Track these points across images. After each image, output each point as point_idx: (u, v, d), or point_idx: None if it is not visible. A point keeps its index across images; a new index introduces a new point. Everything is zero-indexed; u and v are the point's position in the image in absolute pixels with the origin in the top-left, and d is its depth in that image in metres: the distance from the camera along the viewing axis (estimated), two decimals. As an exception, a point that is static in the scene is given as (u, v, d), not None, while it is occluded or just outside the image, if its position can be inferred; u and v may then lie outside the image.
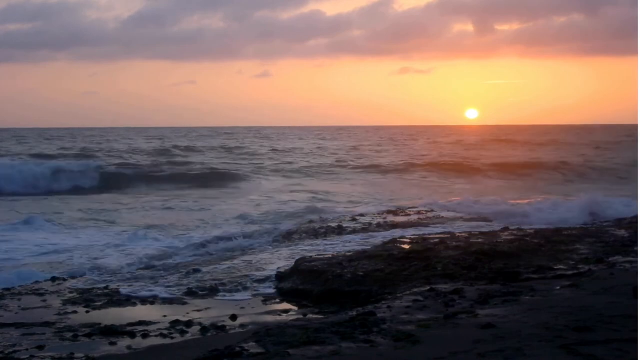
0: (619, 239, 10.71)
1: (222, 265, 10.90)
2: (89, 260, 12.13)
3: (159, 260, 12.04)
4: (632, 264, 8.60)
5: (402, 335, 5.75)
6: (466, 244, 10.30)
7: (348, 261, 9.51)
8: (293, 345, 5.58)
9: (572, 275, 8.16)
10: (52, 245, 14.05)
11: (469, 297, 7.24)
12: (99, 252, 13.04)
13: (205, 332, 7.06)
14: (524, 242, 10.35)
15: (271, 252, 12.06)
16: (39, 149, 53.52)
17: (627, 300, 6.54)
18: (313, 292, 8.78)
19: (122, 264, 11.57)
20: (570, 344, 5.21)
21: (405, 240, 11.04)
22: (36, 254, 13.01)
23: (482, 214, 16.02)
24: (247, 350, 5.58)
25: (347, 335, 5.82)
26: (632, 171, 31.23)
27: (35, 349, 6.60)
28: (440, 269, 8.85)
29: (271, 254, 11.79)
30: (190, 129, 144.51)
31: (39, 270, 11.22)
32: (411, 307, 6.92)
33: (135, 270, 11.08)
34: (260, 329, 6.49)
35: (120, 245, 13.73)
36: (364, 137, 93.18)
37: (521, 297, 7.03)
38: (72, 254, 12.82)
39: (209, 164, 39.90)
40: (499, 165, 37.82)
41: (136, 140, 76.83)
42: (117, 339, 6.87)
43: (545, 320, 5.92)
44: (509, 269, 8.69)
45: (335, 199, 23.86)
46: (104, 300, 8.66)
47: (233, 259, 11.56)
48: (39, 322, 7.62)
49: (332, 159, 46.63)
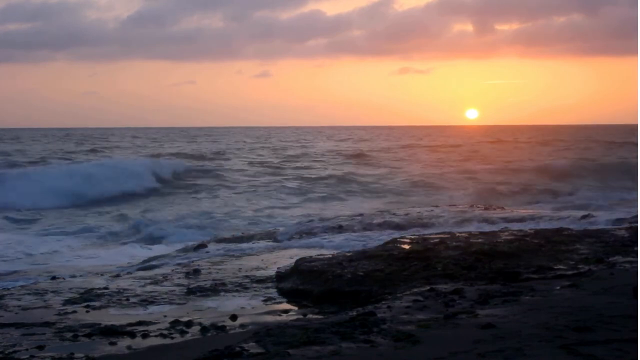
0: (619, 239, 10.70)
1: (222, 265, 10.91)
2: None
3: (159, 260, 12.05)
4: (632, 264, 8.59)
5: (402, 335, 5.75)
6: (466, 244, 10.30)
7: (348, 261, 9.51)
8: (293, 345, 5.58)
9: (572, 275, 8.15)
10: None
11: (469, 297, 7.24)
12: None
13: (205, 332, 7.06)
14: (524, 242, 10.34)
15: (271, 252, 12.07)
16: (147, 150, 53.98)
17: (627, 300, 6.54)
18: (313, 292, 8.78)
19: (122, 264, 11.59)
20: (570, 344, 5.21)
21: (405, 240, 11.03)
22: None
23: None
24: (247, 350, 5.58)
25: (347, 335, 5.82)
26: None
27: (35, 349, 6.60)
28: (440, 269, 8.85)
29: (271, 254, 11.80)
30: (205, 129, 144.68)
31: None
32: (411, 307, 6.92)
33: (135, 270, 11.09)
34: (260, 329, 6.49)
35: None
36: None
37: (521, 297, 7.03)
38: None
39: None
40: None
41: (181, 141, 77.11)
42: (117, 339, 6.87)
43: (545, 320, 5.92)
44: (509, 269, 8.69)
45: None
46: (104, 300, 8.66)
47: (233, 258, 11.57)
48: (39, 322, 7.61)
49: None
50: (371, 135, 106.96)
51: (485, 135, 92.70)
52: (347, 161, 47.99)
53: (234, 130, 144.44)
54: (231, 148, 63.77)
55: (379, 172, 39.31)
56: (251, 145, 69.79)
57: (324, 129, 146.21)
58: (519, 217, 14.99)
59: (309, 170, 40.93)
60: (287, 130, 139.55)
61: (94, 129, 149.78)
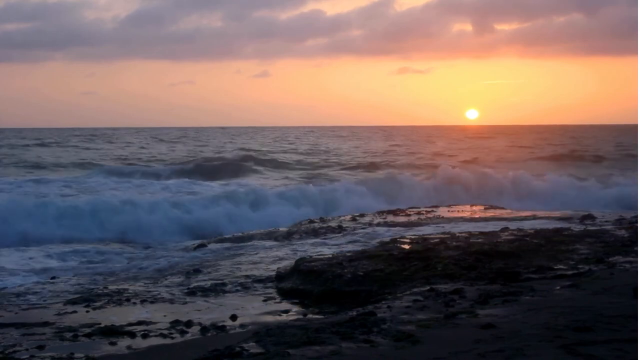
0: (619, 239, 10.70)
1: (222, 265, 10.90)
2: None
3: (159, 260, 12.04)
4: (632, 264, 8.60)
5: (402, 335, 5.75)
6: (466, 244, 10.30)
7: (348, 261, 9.51)
8: (293, 345, 5.58)
9: (572, 275, 8.15)
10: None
11: (469, 297, 7.24)
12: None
13: (205, 332, 7.06)
14: (524, 242, 10.35)
15: (271, 252, 12.06)
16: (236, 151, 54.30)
17: (627, 300, 6.54)
18: (313, 292, 8.78)
19: (122, 263, 11.59)
20: (570, 344, 5.21)
21: (405, 240, 11.04)
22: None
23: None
24: (247, 350, 5.58)
25: (347, 335, 5.82)
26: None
27: (35, 349, 6.60)
28: (440, 269, 8.85)
29: (271, 254, 11.79)
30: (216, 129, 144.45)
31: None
32: (411, 307, 6.92)
33: (135, 269, 11.09)
34: (260, 329, 6.49)
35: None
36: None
37: (521, 297, 7.03)
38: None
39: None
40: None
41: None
42: (117, 339, 6.87)
43: (545, 320, 5.92)
44: (509, 269, 8.69)
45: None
46: (104, 300, 8.66)
47: (233, 258, 11.56)
48: (39, 322, 7.62)
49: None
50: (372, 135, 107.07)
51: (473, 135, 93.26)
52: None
53: (236, 130, 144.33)
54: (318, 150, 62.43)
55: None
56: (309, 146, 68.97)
57: (324, 129, 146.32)
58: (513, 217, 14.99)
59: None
60: (298, 130, 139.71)
61: (94, 129, 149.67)
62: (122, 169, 38.67)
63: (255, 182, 32.44)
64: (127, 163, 45.24)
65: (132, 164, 44.47)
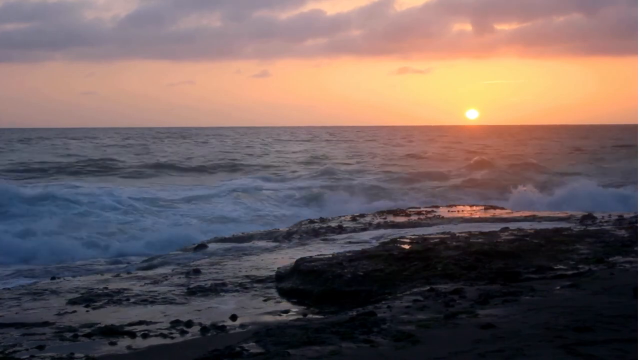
0: (619, 239, 10.70)
1: (222, 265, 10.90)
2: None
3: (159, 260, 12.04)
4: (632, 264, 8.60)
5: (402, 335, 5.75)
6: (466, 244, 10.30)
7: (348, 261, 9.51)
8: (293, 345, 5.58)
9: (572, 275, 8.15)
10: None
11: (469, 297, 7.24)
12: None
13: (205, 332, 7.06)
14: (524, 242, 10.34)
15: (271, 252, 12.07)
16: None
17: (627, 300, 6.54)
18: (313, 292, 8.78)
19: (122, 263, 11.59)
20: (570, 344, 5.21)
21: (405, 240, 11.03)
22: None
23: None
24: (247, 350, 5.59)
25: (347, 335, 5.82)
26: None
27: (35, 349, 6.60)
28: (440, 269, 8.85)
29: (271, 254, 11.80)
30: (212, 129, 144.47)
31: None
32: (411, 307, 6.92)
33: (135, 270, 11.09)
34: (260, 329, 6.49)
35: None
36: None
37: (521, 297, 7.03)
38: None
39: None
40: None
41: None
42: (117, 339, 6.86)
43: (545, 320, 5.93)
44: (509, 269, 8.69)
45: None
46: (104, 300, 8.66)
47: (233, 259, 11.56)
48: (39, 322, 7.61)
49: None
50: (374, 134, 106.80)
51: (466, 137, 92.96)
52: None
53: (239, 130, 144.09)
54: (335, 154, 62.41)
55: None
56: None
57: (325, 129, 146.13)
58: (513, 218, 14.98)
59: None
60: (288, 130, 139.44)
61: (94, 129, 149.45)
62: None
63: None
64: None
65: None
